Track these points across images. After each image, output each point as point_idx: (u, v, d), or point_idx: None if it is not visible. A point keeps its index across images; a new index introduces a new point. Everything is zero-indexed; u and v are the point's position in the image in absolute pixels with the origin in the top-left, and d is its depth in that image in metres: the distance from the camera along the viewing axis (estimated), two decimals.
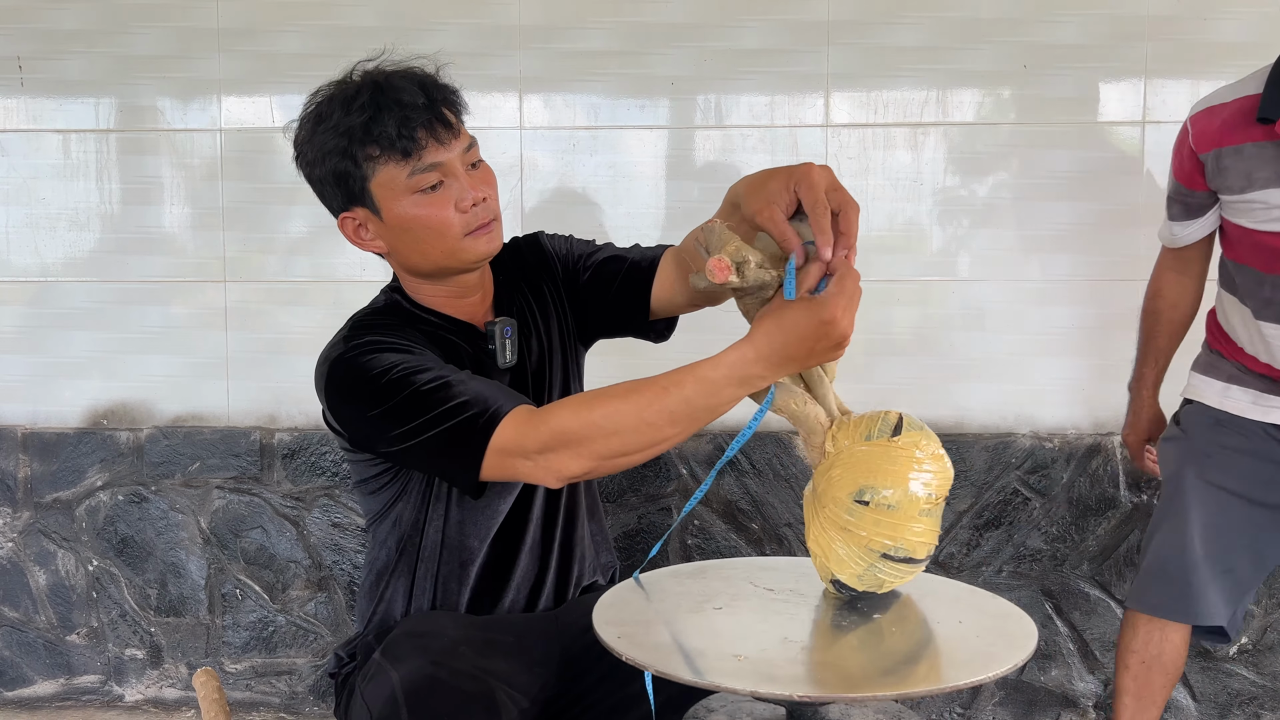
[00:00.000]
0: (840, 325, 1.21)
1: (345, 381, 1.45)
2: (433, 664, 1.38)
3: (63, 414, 2.83)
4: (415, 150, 1.44)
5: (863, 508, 1.26)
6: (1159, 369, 2.26)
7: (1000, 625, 1.29)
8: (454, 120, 1.49)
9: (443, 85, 1.50)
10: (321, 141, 1.48)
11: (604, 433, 1.29)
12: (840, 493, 1.27)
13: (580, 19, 2.66)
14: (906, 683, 1.13)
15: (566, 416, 1.31)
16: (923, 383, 2.67)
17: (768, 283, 1.21)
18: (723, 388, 1.26)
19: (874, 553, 1.27)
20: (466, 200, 1.47)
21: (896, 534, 1.27)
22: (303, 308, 2.76)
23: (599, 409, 1.29)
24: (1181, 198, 2.09)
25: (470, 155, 1.50)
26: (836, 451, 1.29)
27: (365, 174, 1.47)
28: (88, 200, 2.80)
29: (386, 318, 1.55)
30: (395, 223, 1.49)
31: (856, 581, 1.29)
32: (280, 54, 2.71)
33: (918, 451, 1.28)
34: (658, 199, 2.70)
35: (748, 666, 1.15)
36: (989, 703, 2.70)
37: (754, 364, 1.24)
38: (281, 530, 2.78)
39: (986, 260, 2.65)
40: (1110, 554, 2.64)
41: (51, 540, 2.84)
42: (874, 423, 1.28)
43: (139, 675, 2.85)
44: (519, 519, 1.58)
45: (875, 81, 2.63)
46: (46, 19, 2.75)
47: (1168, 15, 2.56)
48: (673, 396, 1.27)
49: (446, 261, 1.51)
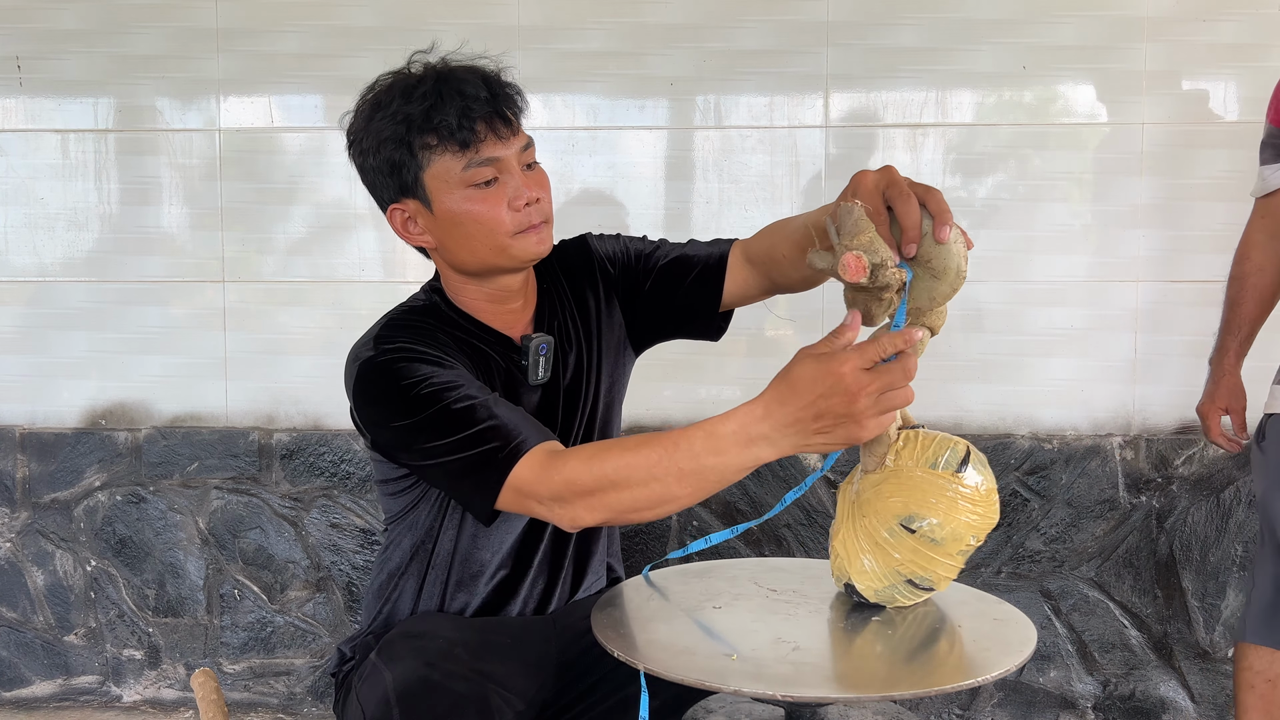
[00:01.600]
0: (846, 381, 1.10)
1: (375, 386, 1.43)
2: (426, 665, 1.37)
3: (61, 414, 2.83)
4: (473, 142, 1.42)
5: (906, 533, 1.23)
6: (1243, 338, 2.11)
7: (999, 626, 1.29)
8: (514, 118, 1.47)
9: (505, 83, 1.48)
10: (378, 129, 1.46)
11: (614, 486, 1.24)
12: (887, 510, 1.24)
13: (580, 19, 2.66)
14: (905, 684, 1.13)
15: (578, 467, 1.27)
16: (921, 383, 2.65)
17: (891, 285, 1.14)
18: (729, 445, 1.18)
19: (900, 576, 1.26)
20: (520, 199, 1.45)
21: (930, 566, 1.25)
22: (301, 308, 2.76)
23: (610, 462, 1.25)
24: (1275, 140, 2.03)
25: (527, 155, 1.48)
26: (896, 468, 1.24)
27: (420, 164, 1.44)
28: (86, 200, 2.80)
29: (422, 319, 1.52)
30: (446, 216, 1.46)
31: (872, 594, 1.29)
32: (279, 54, 2.71)
33: (977, 493, 1.23)
34: (657, 199, 2.70)
35: (746, 667, 1.15)
36: (988, 704, 2.70)
37: (760, 422, 1.16)
38: (280, 531, 2.78)
39: (986, 261, 2.65)
40: (1109, 555, 2.64)
41: (49, 540, 2.84)
42: (941, 449, 1.23)
43: (137, 676, 2.84)
44: (534, 533, 1.57)
45: (874, 82, 2.63)
46: (45, 19, 2.75)
47: (1166, 16, 2.56)
48: (682, 451, 1.21)
49: (494, 259, 1.48)
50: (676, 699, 1.48)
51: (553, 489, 1.28)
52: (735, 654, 1.18)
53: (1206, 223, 2.58)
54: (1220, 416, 2.13)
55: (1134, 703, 2.65)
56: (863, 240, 1.11)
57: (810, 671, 1.15)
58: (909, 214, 1.15)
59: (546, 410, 1.56)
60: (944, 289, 1.15)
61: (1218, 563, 2.62)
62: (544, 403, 1.56)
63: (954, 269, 1.13)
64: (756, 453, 1.18)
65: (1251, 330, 2.12)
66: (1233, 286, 2.13)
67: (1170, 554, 2.63)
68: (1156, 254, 2.61)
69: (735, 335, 1.67)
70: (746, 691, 1.09)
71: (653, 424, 2.69)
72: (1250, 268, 2.09)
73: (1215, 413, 2.14)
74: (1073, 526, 2.64)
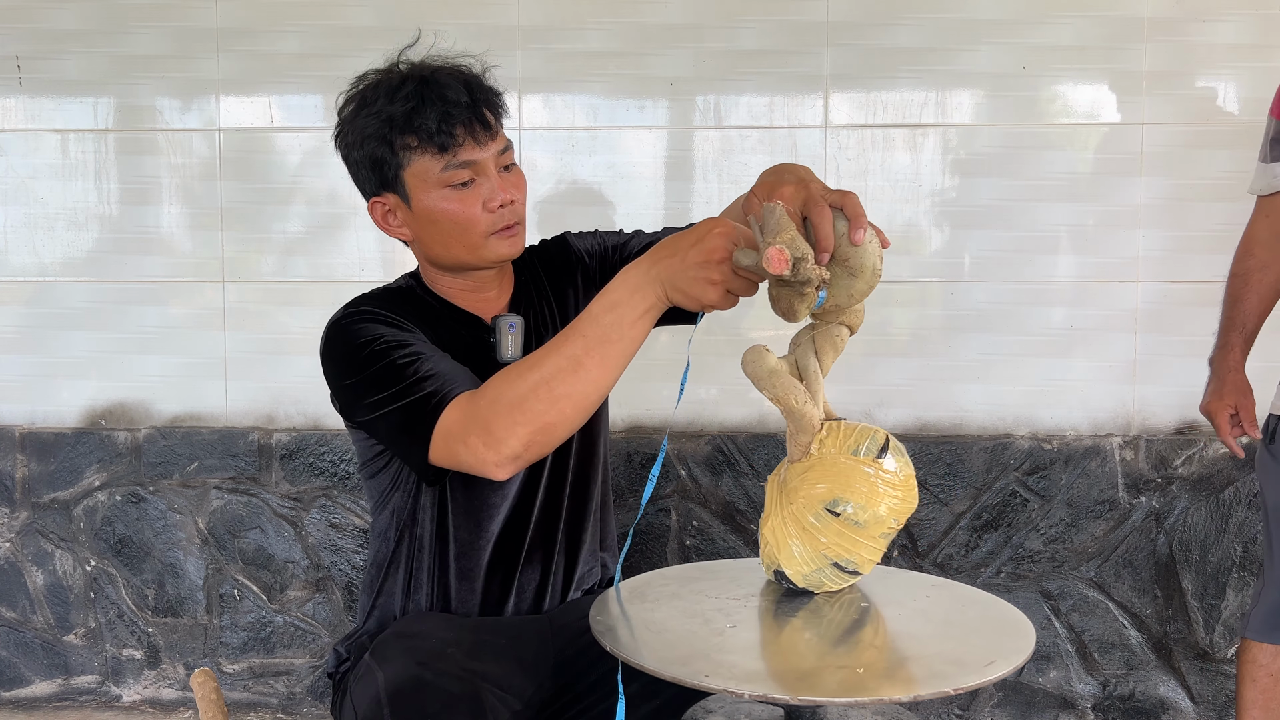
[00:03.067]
0: (709, 240, 1.21)
1: (333, 345, 1.50)
2: (418, 665, 1.37)
3: (60, 414, 2.83)
4: (452, 146, 1.48)
5: (831, 517, 1.28)
6: (1246, 335, 2.08)
7: (998, 627, 1.29)
8: (493, 121, 1.53)
9: (486, 86, 1.54)
10: (363, 125, 1.51)
11: (533, 390, 1.28)
12: (813, 496, 1.29)
13: (579, 20, 2.66)
14: (904, 685, 1.13)
15: (495, 383, 1.32)
16: (921, 384, 2.67)
17: (811, 281, 1.21)
18: (620, 295, 1.26)
19: (826, 559, 1.31)
20: (495, 201, 1.50)
21: (854, 549, 1.31)
22: (300, 308, 2.76)
23: (524, 364, 1.30)
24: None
25: (504, 158, 1.54)
26: (820, 456, 1.30)
27: (400, 162, 1.50)
28: (86, 200, 2.80)
29: (393, 296, 1.59)
30: (423, 213, 1.52)
31: (801, 579, 1.33)
32: (279, 54, 2.71)
33: (897, 477, 1.29)
34: (657, 199, 2.70)
35: (745, 668, 1.15)
36: (987, 704, 2.70)
37: (642, 267, 1.26)
38: (279, 531, 2.78)
39: (985, 261, 2.65)
40: (1109, 555, 2.64)
41: (49, 540, 2.84)
42: (863, 438, 1.30)
43: (136, 676, 2.84)
44: (519, 517, 1.57)
45: (874, 82, 2.64)
46: (45, 19, 2.75)
47: (1166, 17, 2.56)
48: (583, 321, 1.28)
49: (467, 258, 1.54)
50: (676, 700, 1.48)
51: (477, 419, 1.31)
52: (740, 656, 1.18)
53: (1206, 223, 2.58)
54: (1229, 414, 2.11)
55: (1133, 703, 2.65)
56: (784, 238, 1.17)
57: (819, 673, 1.15)
58: (822, 225, 1.21)
59: None
60: (861, 287, 1.23)
61: (1217, 563, 2.62)
62: None
63: (870, 267, 1.21)
64: (643, 296, 1.26)
65: (1255, 327, 2.10)
66: (1234, 283, 2.11)
67: (1170, 554, 2.63)
68: (1156, 254, 2.62)
69: (735, 337, 1.68)
70: (761, 696, 1.09)
71: (652, 424, 2.69)
72: (1254, 264, 2.08)
73: (1224, 410, 2.11)
74: (1072, 527, 2.64)
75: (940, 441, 2.65)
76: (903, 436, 2.67)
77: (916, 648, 1.24)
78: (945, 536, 2.67)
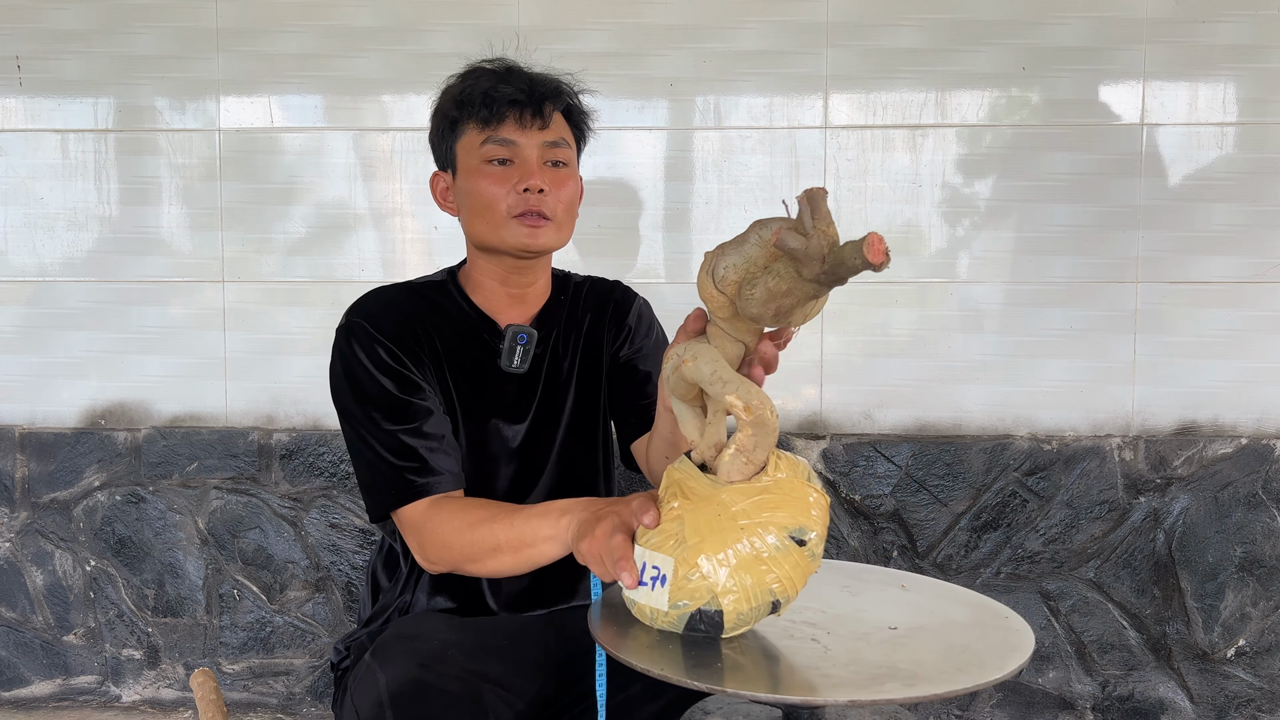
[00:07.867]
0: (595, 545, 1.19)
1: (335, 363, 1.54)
2: (419, 667, 1.37)
3: (60, 414, 2.83)
4: (493, 121, 1.53)
5: (797, 547, 1.13)
6: None
7: (998, 628, 1.29)
8: (548, 114, 1.56)
9: (556, 86, 1.59)
10: (440, 104, 1.61)
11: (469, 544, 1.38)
12: (773, 523, 1.13)
13: (579, 20, 2.66)
14: (903, 687, 1.13)
15: (451, 519, 1.41)
16: (921, 384, 2.67)
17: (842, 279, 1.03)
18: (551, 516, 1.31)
19: (768, 596, 1.14)
20: (524, 183, 1.53)
21: (799, 583, 1.16)
22: (301, 308, 2.76)
23: (475, 519, 1.39)
24: None
25: (553, 152, 1.57)
26: (775, 481, 1.14)
27: (455, 135, 1.58)
28: (86, 200, 2.80)
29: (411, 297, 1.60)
30: (463, 186, 1.57)
31: (733, 620, 1.15)
32: (279, 54, 2.71)
33: (823, 505, 1.17)
34: (657, 200, 2.70)
35: (744, 669, 1.15)
36: (986, 704, 2.70)
37: (575, 510, 1.29)
38: (279, 531, 2.78)
39: (985, 262, 2.65)
40: (1108, 556, 2.64)
41: (49, 540, 2.84)
42: (801, 467, 1.18)
43: (136, 676, 2.84)
44: None
45: (874, 83, 2.64)
46: (45, 18, 2.75)
47: (1166, 17, 2.57)
48: (520, 515, 1.34)
49: (489, 236, 1.56)
50: (675, 701, 1.49)
51: (426, 530, 1.43)
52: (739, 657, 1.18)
53: (1206, 223, 2.58)
54: None
55: (1133, 703, 2.65)
56: (832, 232, 1.04)
57: (817, 674, 1.15)
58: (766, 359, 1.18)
59: (518, 403, 1.59)
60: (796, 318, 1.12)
61: (1216, 563, 2.62)
62: (521, 393, 1.58)
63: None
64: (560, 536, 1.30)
65: None
66: None
67: (1169, 555, 2.63)
68: (1156, 254, 2.62)
69: None
70: (760, 697, 1.09)
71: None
72: None
73: None
74: (1071, 527, 2.64)
75: (940, 442, 2.65)
76: (903, 436, 2.67)
77: (915, 649, 1.24)
78: (945, 537, 2.67)
